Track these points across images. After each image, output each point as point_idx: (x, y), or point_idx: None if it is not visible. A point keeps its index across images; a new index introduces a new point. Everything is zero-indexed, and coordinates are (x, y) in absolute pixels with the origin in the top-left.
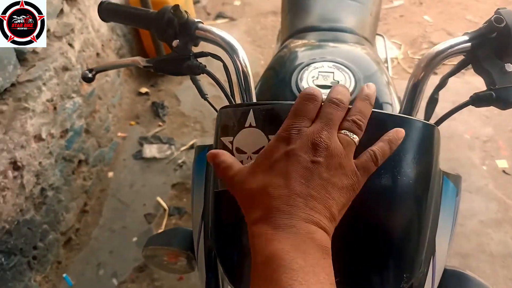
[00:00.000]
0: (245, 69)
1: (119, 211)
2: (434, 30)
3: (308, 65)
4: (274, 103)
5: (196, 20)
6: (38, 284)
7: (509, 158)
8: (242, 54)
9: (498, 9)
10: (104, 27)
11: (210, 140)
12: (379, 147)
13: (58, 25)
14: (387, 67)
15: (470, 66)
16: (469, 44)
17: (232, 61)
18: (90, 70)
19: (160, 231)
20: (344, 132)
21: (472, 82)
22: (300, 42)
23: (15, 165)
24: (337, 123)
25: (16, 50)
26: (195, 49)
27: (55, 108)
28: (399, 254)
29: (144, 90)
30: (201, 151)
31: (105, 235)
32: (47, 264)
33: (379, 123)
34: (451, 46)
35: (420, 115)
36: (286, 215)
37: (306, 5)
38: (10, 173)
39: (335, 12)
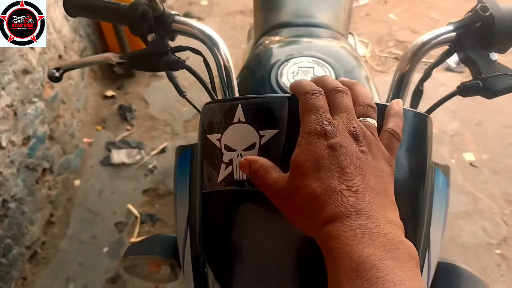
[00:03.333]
0: (226, 63)
1: (87, 220)
2: (399, 28)
3: (287, 60)
4: (264, 96)
5: (173, 12)
6: None
7: (476, 151)
8: (223, 47)
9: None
10: (66, 28)
11: (181, 143)
12: (392, 122)
13: None
14: None
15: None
16: (454, 34)
17: (212, 55)
18: (58, 69)
19: (132, 240)
20: (363, 119)
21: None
22: (275, 38)
23: None
24: (354, 111)
25: None
26: (172, 44)
27: (15, 114)
28: None
29: (110, 93)
30: (183, 151)
31: (73, 247)
32: (11, 281)
33: None
34: (436, 36)
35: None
36: (366, 213)
37: (279, 1)
38: None
39: (309, 7)
